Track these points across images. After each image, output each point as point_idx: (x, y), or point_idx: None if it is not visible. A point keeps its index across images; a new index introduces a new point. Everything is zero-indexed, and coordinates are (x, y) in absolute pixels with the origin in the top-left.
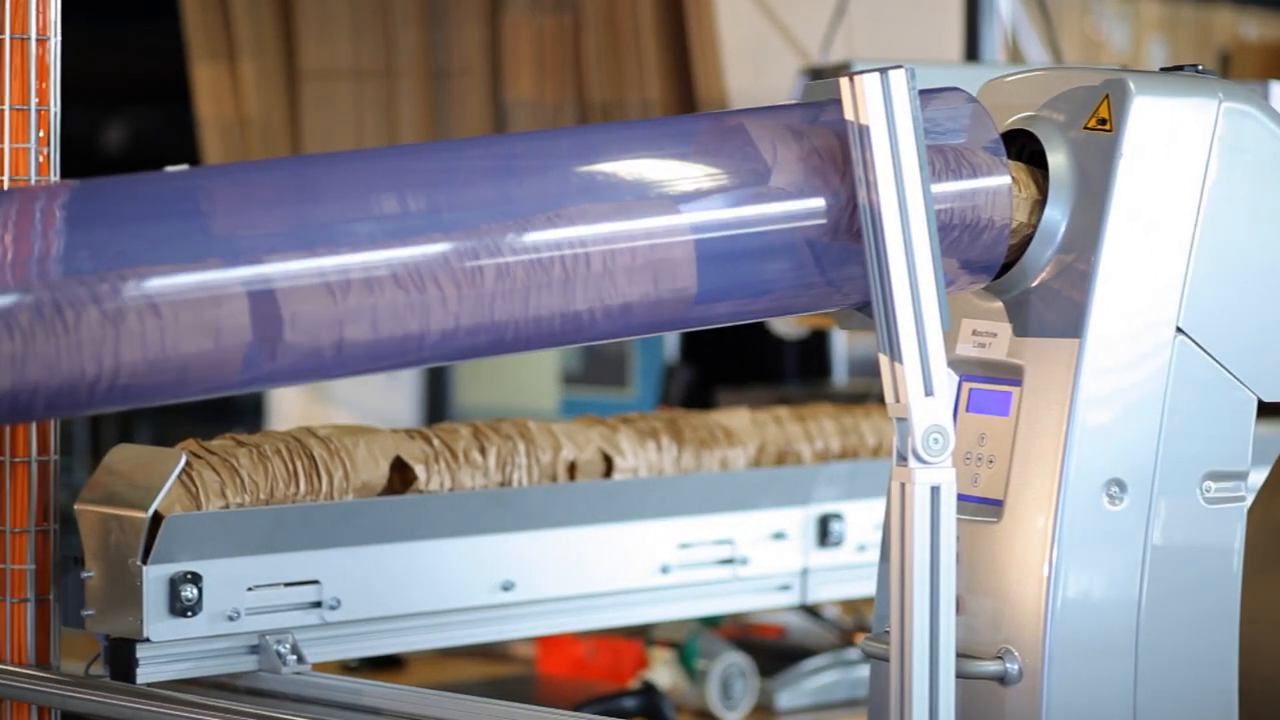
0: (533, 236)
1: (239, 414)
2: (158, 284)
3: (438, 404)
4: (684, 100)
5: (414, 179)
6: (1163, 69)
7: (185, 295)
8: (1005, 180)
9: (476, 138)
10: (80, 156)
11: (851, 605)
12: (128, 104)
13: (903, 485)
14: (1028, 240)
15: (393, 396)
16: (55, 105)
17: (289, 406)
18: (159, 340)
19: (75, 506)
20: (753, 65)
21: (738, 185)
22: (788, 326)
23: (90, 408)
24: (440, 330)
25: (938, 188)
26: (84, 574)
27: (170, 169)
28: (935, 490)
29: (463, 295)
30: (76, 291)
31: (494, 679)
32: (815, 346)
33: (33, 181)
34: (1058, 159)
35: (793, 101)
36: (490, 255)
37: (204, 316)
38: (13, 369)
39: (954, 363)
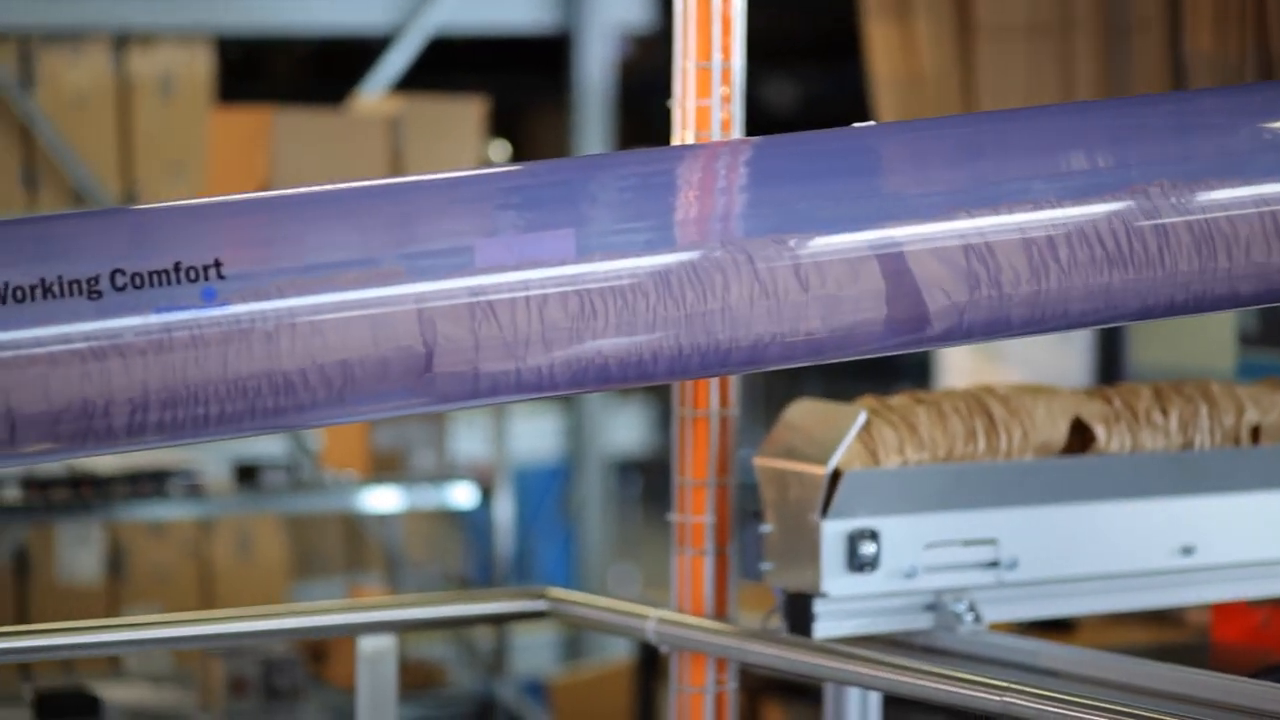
0: (1219, 195)
1: (905, 372)
2: (829, 242)
3: (1110, 363)
4: None
5: (1095, 136)
6: None
7: (850, 254)
8: None
9: (1159, 94)
10: (750, 115)
11: None
12: (797, 62)
13: None
14: None
15: (1065, 355)
16: (739, 61)
17: (958, 364)
18: (847, 298)
19: (754, 461)
20: None
21: None
22: None
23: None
24: (1149, 283)
25: None
26: (762, 528)
27: (857, 125)
28: None
29: (1167, 255)
30: (766, 250)
31: (1165, 644)
32: None
33: (716, 137)
34: None
35: None
36: (1175, 214)
37: (868, 272)
38: (724, 322)
39: None
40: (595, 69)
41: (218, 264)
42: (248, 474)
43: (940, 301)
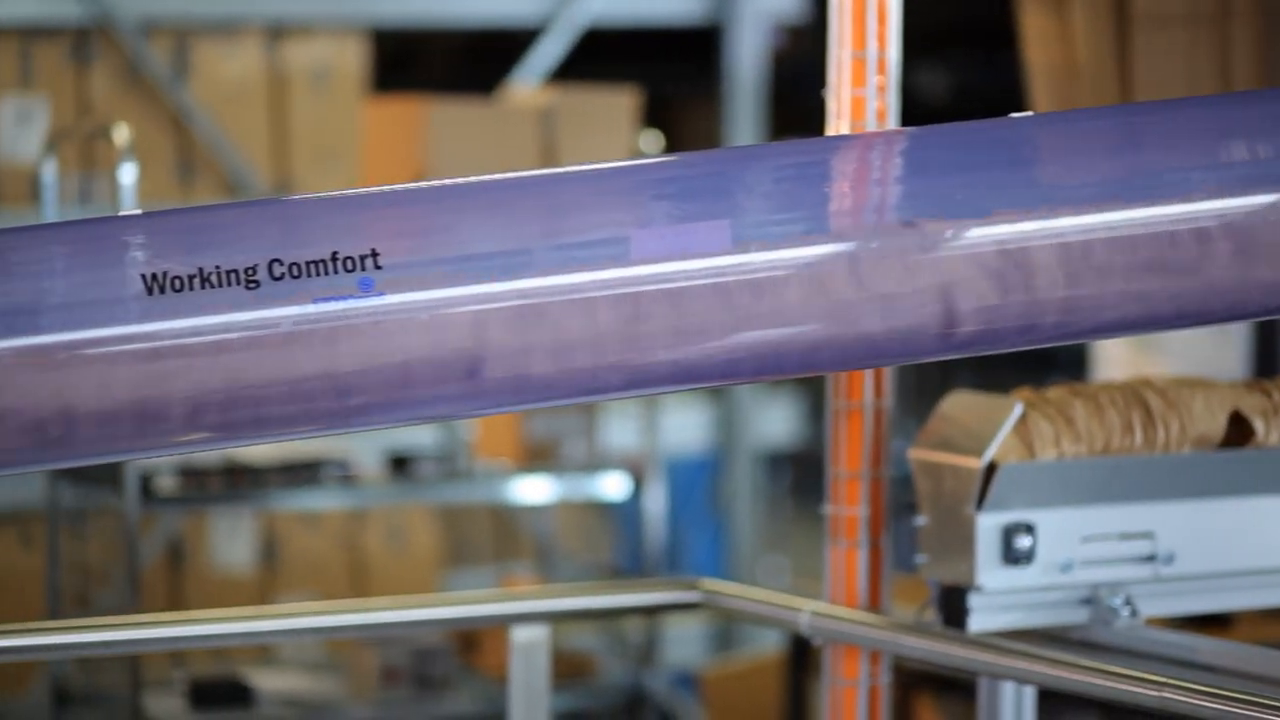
0: None
1: (1060, 364)
2: (986, 233)
3: (1268, 356)
4: None
5: (1254, 126)
6: None
7: (1010, 243)
8: None
9: None
10: (904, 104)
11: None
12: (949, 51)
13: None
14: None
15: (1222, 347)
16: (894, 51)
17: (1114, 355)
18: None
19: (909, 453)
20: None
21: None
22: None
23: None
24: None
25: None
26: (917, 520)
27: (1015, 116)
28: None
29: None
30: (904, 240)
31: None
32: None
33: (871, 127)
34: None
35: None
36: None
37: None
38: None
39: None
40: (747, 60)
41: (374, 254)
42: (400, 464)
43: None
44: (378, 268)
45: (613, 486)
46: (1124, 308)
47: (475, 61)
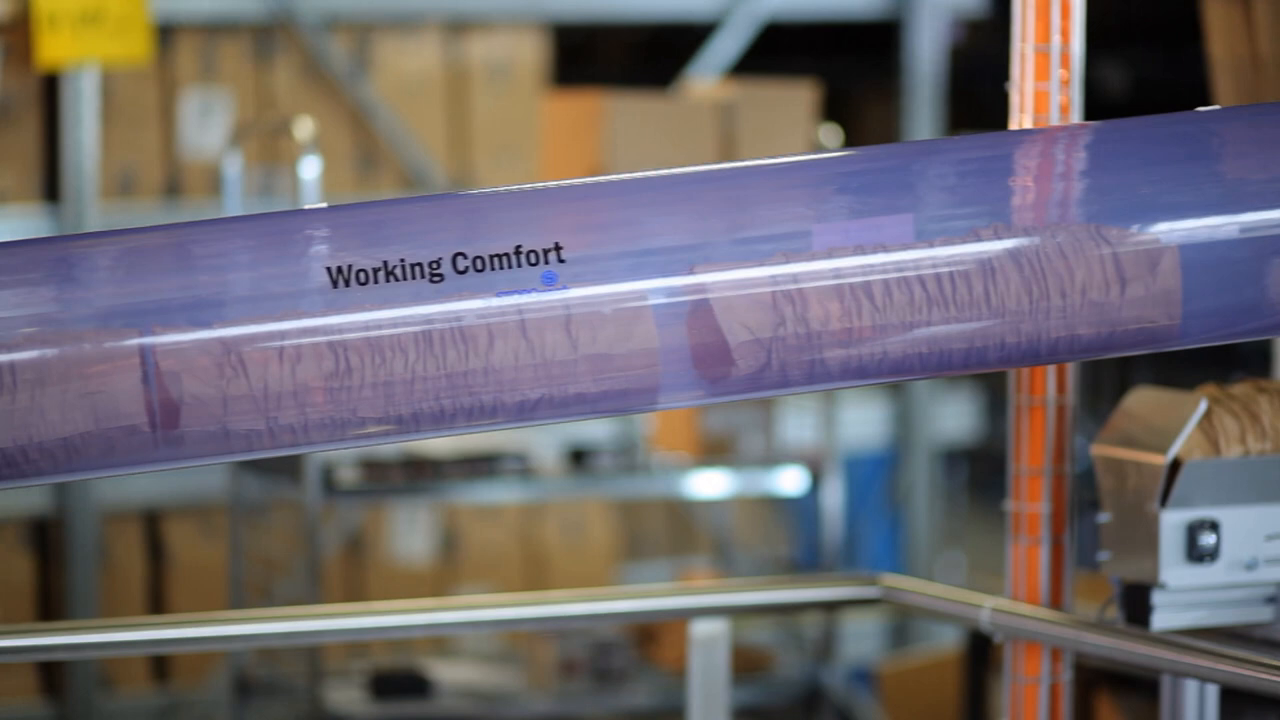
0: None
1: (1242, 360)
2: (1172, 228)
3: None
4: None
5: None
6: None
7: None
8: None
9: None
10: (1085, 98)
11: None
12: (1130, 45)
13: None
14: None
15: None
16: (1078, 44)
17: None
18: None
19: (1092, 449)
20: None
21: None
22: None
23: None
24: None
25: None
26: (1099, 517)
27: (1200, 110)
28: None
29: None
30: (1088, 236)
31: None
32: None
33: (1054, 122)
34: None
35: None
36: None
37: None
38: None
39: None
40: (926, 53)
41: (558, 248)
42: (578, 457)
43: None
44: (561, 261)
45: (790, 481)
46: None
47: (652, 56)
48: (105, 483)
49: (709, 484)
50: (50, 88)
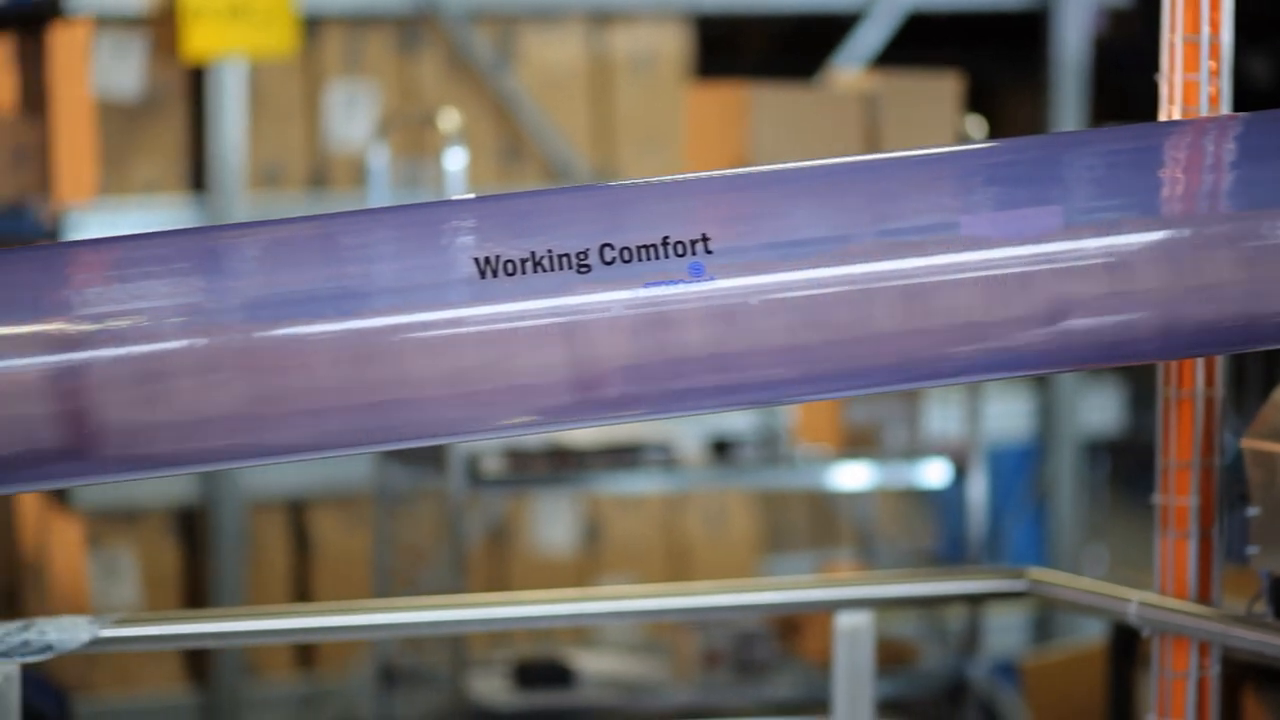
0: None
1: None
2: None
3: None
4: None
5: None
6: None
7: None
8: None
9: None
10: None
11: None
12: (1274, 35)
13: None
14: None
15: None
16: (1227, 35)
17: None
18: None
19: (1242, 442)
20: None
21: None
22: None
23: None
24: None
25: None
26: (1248, 511)
27: None
28: None
29: None
30: (1237, 228)
31: None
32: None
33: (1204, 113)
34: None
35: None
36: None
37: None
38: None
39: None
40: (1072, 44)
41: (705, 239)
42: (721, 449)
43: None
44: (708, 252)
45: (934, 474)
46: None
47: (795, 47)
48: (251, 472)
49: (852, 476)
50: (196, 80)
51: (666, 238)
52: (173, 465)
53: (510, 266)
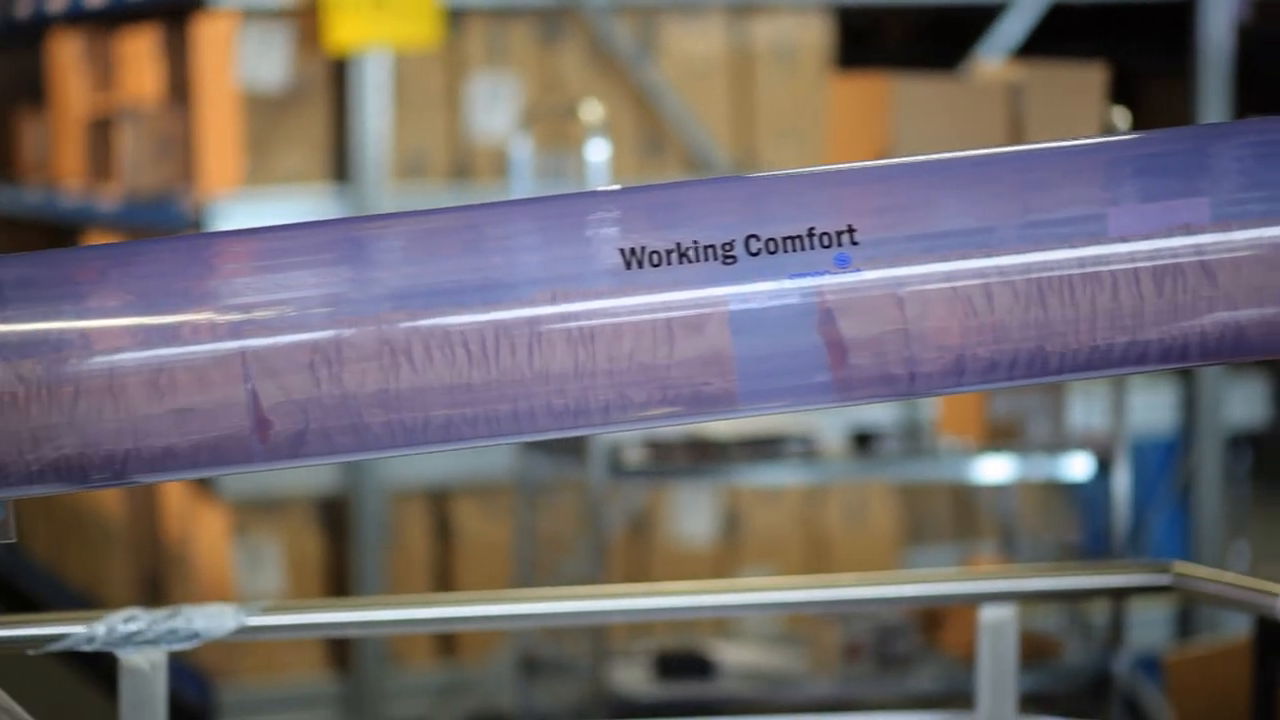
0: None
1: None
2: None
3: None
4: None
5: None
6: None
7: None
8: None
9: None
10: None
11: None
12: None
13: None
14: None
15: None
16: None
17: None
18: None
19: None
20: None
21: None
22: None
23: None
24: None
25: None
26: None
27: None
28: None
29: None
30: None
31: None
32: None
33: None
34: None
35: None
36: None
37: None
38: None
39: None
40: (1218, 34)
41: (850, 230)
42: (863, 441)
43: None
44: (854, 244)
45: (1077, 467)
46: None
47: (936, 38)
48: (393, 462)
49: (995, 469)
50: (339, 71)
51: (812, 229)
52: (317, 456)
53: (656, 258)
